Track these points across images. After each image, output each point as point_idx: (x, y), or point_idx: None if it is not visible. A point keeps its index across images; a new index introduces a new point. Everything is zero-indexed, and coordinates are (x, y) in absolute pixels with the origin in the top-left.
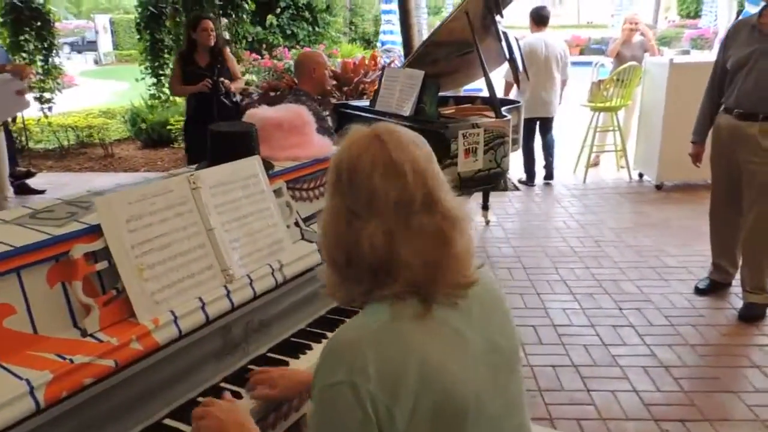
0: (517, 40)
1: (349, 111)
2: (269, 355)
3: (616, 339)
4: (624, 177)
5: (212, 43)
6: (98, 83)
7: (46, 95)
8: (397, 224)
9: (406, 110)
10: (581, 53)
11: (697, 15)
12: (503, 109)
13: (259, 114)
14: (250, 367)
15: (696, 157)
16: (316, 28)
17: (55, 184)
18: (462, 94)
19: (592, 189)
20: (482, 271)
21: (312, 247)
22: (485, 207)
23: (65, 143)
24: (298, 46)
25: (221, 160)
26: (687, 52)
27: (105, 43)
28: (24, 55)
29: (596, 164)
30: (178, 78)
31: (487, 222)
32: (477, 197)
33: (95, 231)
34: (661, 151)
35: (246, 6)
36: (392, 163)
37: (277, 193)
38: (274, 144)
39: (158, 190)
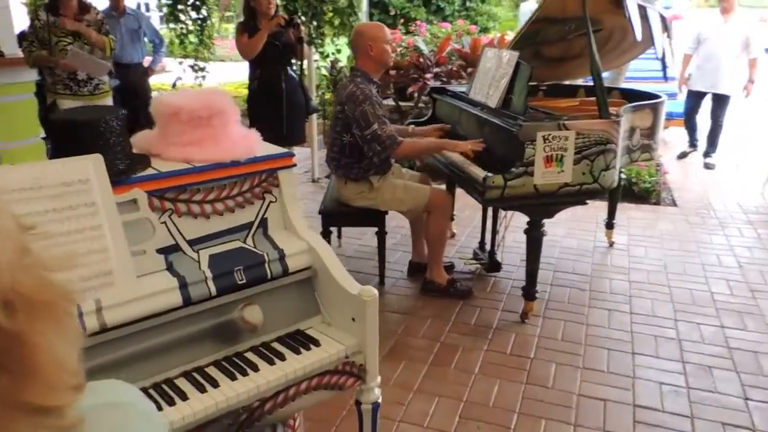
0: (664, 18)
1: (439, 97)
2: None
3: None
4: None
5: (272, 12)
6: None
7: (200, 64)
8: None
9: (493, 100)
10: None
11: None
12: (632, 104)
13: (162, 99)
14: None
15: None
16: (468, 3)
17: None
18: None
19: None
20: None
21: (172, 284)
22: (610, 225)
23: None
24: (441, 22)
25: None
26: None
27: None
28: (181, 25)
29: None
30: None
31: (611, 244)
32: (598, 208)
33: None
34: None
35: None
36: None
37: (129, 206)
38: (169, 139)
39: None
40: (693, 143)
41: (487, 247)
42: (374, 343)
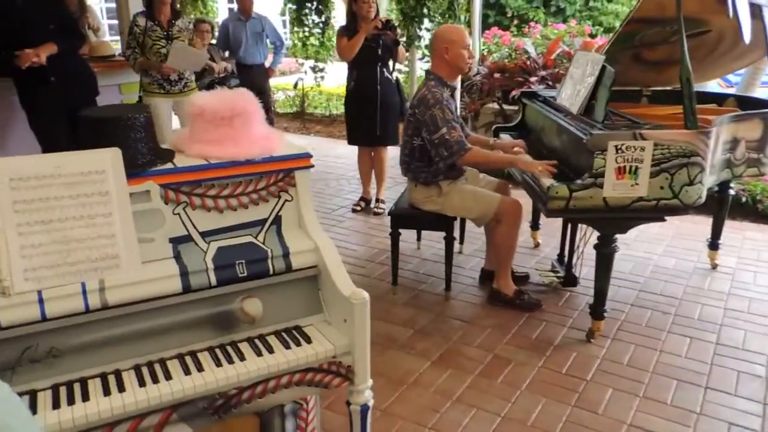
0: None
1: (528, 102)
2: None
3: None
4: None
5: (372, 16)
6: None
7: (320, 65)
8: None
9: (575, 106)
10: None
11: None
12: (733, 114)
13: (191, 99)
14: None
15: None
16: (591, 2)
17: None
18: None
19: None
20: None
21: (173, 271)
22: (714, 245)
23: (334, 111)
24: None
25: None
26: None
27: None
28: (305, 29)
29: None
30: (342, 42)
31: (714, 266)
32: (709, 225)
33: None
34: None
35: None
36: None
37: (143, 196)
38: (194, 137)
39: None
40: None
41: (566, 260)
42: (363, 345)
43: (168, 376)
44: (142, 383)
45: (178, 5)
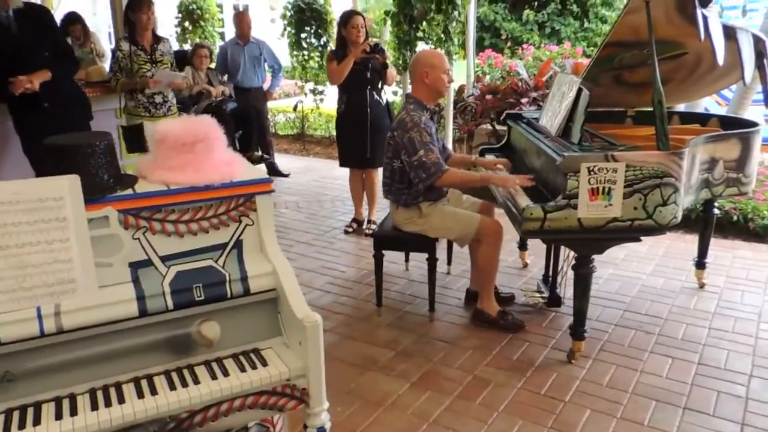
0: (760, 40)
1: (512, 123)
2: None
3: None
4: None
5: (361, 40)
6: None
7: (319, 88)
8: None
9: (554, 128)
10: None
11: None
12: (709, 135)
13: (154, 126)
14: None
15: None
16: (586, 24)
17: (302, 169)
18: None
19: None
20: None
21: (130, 295)
22: (700, 264)
23: (334, 133)
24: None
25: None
26: None
27: None
28: (304, 52)
29: None
30: (332, 66)
31: (701, 285)
32: (685, 241)
33: None
34: None
35: (459, 1)
36: None
37: (100, 222)
38: (157, 163)
39: None
40: None
41: (551, 280)
42: (317, 368)
43: (121, 400)
44: (95, 407)
45: (182, 30)
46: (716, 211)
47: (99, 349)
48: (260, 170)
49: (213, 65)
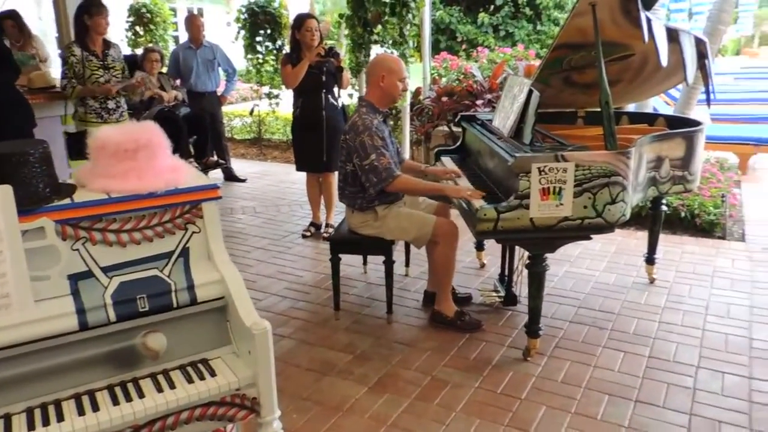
0: (701, 41)
1: (467, 125)
2: None
3: None
4: None
5: (316, 44)
6: None
7: (275, 91)
8: None
9: (506, 129)
10: None
11: None
12: (655, 134)
13: (94, 132)
14: None
15: None
16: (539, 26)
17: (259, 174)
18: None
19: None
20: None
21: (69, 308)
22: (650, 260)
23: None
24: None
25: None
26: None
27: None
28: (259, 55)
29: None
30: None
31: (651, 281)
32: (637, 238)
33: None
34: None
35: (413, 4)
36: None
37: (36, 234)
38: (97, 171)
39: None
40: None
41: (507, 279)
42: (268, 376)
43: (60, 418)
44: (31, 427)
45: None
46: (664, 207)
47: (37, 365)
48: (204, 177)
49: (165, 69)
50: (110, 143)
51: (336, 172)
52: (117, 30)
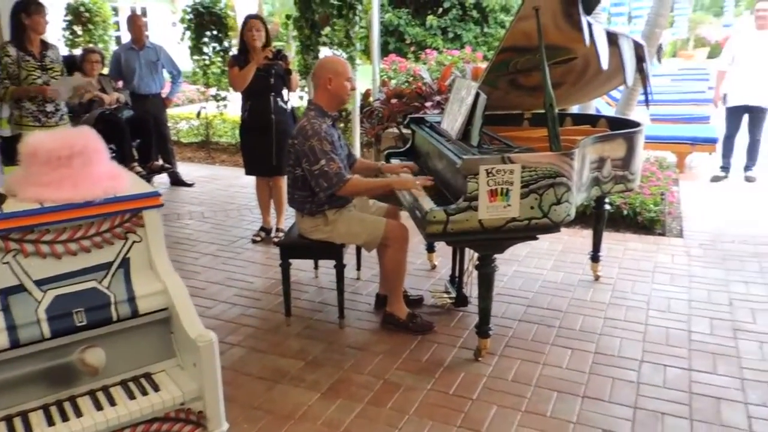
0: (639, 45)
1: (416, 128)
2: None
3: None
4: None
5: (258, 44)
6: None
7: (222, 93)
8: None
9: (454, 131)
10: None
11: None
12: (597, 135)
13: (25, 139)
14: None
15: None
16: (486, 29)
17: (207, 178)
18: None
19: None
20: None
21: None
22: (595, 258)
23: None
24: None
25: None
26: None
27: None
28: (204, 57)
29: None
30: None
31: (596, 278)
32: (583, 236)
33: None
34: None
35: (360, 6)
36: None
37: None
38: (29, 179)
39: None
40: (726, 167)
41: (457, 280)
42: (214, 389)
43: None
44: None
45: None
46: (607, 206)
47: None
48: (145, 183)
49: (106, 71)
50: (42, 150)
51: (286, 176)
52: (53, 29)
